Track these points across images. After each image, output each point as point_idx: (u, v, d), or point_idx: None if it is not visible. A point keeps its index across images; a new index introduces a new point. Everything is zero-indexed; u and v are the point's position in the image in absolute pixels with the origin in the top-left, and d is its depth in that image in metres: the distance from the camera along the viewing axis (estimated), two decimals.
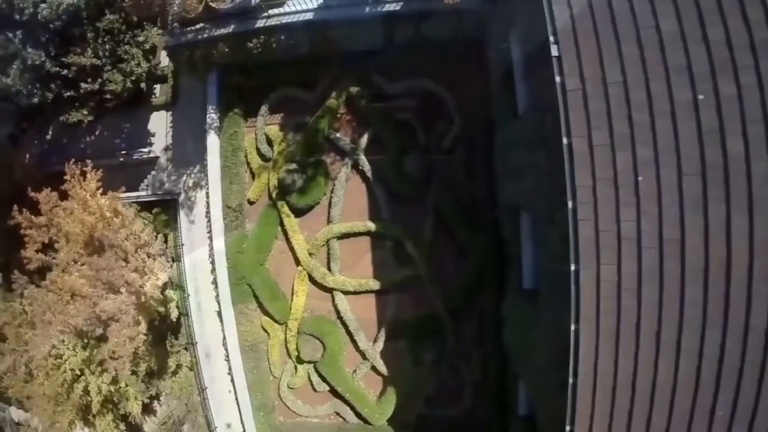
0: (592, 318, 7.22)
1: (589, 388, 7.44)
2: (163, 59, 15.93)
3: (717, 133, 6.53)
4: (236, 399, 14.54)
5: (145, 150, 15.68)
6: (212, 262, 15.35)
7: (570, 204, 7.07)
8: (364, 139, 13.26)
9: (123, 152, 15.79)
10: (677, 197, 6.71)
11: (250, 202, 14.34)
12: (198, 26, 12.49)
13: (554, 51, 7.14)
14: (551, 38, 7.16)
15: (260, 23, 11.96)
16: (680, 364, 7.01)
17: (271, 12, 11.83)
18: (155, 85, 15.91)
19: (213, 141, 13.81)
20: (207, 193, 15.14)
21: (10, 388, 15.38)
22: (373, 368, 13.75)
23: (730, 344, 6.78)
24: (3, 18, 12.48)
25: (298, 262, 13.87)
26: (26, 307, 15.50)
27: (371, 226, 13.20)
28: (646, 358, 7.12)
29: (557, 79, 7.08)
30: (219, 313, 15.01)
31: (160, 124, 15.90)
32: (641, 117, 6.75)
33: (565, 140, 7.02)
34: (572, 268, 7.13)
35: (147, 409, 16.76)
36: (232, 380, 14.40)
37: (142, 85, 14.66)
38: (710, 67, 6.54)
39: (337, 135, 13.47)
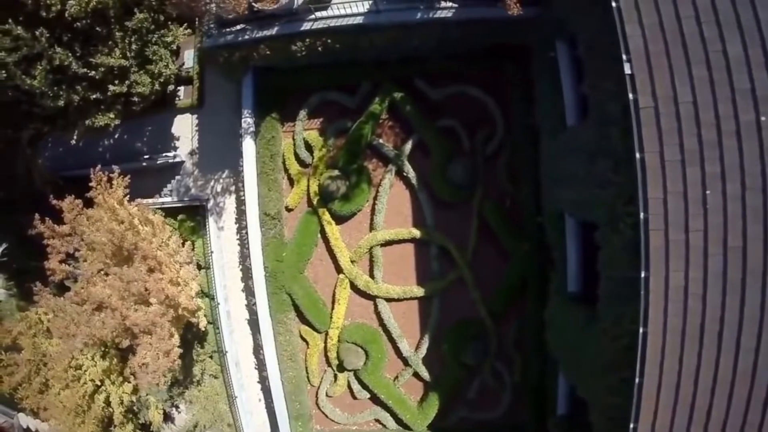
0: (660, 321, 8.20)
1: (654, 386, 8.44)
2: (188, 60, 16.19)
3: None
4: (272, 408, 15.04)
5: (170, 154, 15.91)
6: (242, 270, 15.80)
7: (642, 214, 7.99)
8: (408, 146, 13.94)
9: (146, 156, 15.99)
10: (741, 209, 7.75)
11: (288, 209, 14.74)
12: (238, 27, 12.82)
13: (627, 69, 8.01)
14: (624, 56, 7.99)
15: (306, 26, 12.37)
16: (739, 360, 8.11)
17: (318, 15, 12.28)
18: (179, 87, 16.13)
19: (249, 146, 14.08)
20: (237, 199, 15.54)
21: (25, 399, 15.42)
22: (415, 374, 14.55)
23: None
24: (28, 15, 12.54)
25: (339, 270, 14.48)
26: (42, 316, 15.60)
27: (416, 232, 13.93)
28: (708, 356, 8.14)
29: (630, 96, 7.96)
30: (253, 322, 15.49)
31: (184, 127, 16.17)
32: (709, 135, 7.73)
33: (638, 155, 7.94)
34: (642, 274, 8.11)
35: (167, 418, 17.15)
36: (269, 389, 14.89)
37: (170, 87, 14.87)
38: None
39: (380, 141, 14.10)
